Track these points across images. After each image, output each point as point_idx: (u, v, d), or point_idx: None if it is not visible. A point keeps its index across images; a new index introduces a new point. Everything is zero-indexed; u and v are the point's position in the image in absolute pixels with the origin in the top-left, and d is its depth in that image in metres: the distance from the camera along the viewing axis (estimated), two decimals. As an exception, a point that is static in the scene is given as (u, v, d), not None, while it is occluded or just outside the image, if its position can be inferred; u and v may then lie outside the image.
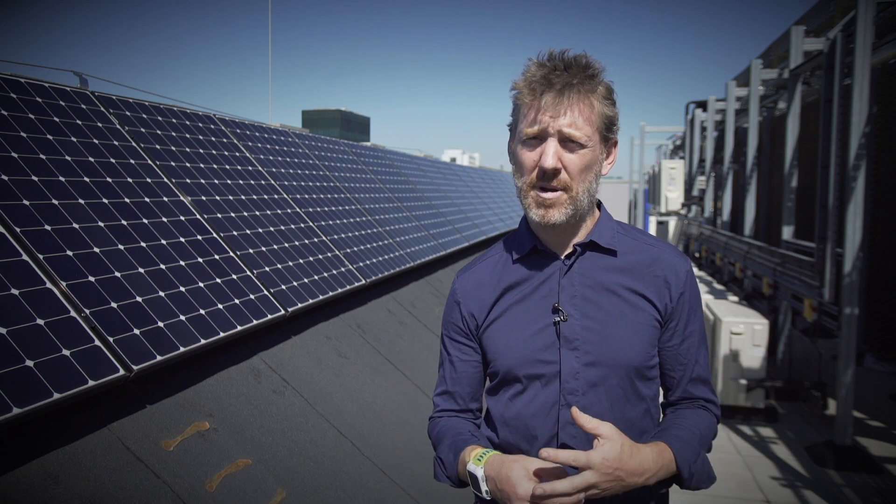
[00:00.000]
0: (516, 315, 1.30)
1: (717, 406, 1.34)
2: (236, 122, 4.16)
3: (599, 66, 1.22)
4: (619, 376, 1.23)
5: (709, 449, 1.29)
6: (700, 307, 1.32)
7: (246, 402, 2.51)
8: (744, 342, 6.34)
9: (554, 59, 1.20)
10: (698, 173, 13.25)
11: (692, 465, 1.18)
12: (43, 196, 2.27)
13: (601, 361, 1.23)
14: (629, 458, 1.09)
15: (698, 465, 1.19)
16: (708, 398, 1.33)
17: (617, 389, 1.24)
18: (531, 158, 1.21)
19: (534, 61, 1.22)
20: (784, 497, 4.65)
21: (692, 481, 1.19)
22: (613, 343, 1.23)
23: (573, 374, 1.23)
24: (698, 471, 1.19)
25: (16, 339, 1.79)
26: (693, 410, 1.31)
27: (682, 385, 1.31)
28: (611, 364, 1.22)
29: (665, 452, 1.17)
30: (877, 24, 5.21)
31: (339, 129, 76.38)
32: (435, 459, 1.34)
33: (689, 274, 1.29)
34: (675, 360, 1.30)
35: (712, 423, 1.31)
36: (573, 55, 1.21)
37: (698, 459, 1.20)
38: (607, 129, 1.23)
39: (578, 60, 1.20)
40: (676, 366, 1.30)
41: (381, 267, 4.17)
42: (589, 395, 1.23)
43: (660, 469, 1.14)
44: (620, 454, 1.08)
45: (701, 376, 1.32)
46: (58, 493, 1.70)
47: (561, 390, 1.24)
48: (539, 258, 1.31)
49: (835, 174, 5.52)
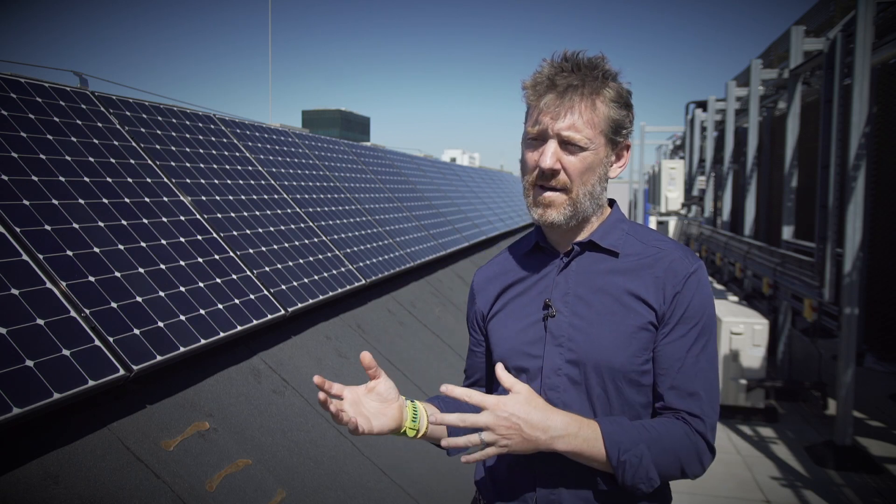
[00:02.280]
0: (514, 309, 1.33)
1: (703, 423, 1.18)
2: (236, 122, 4.16)
3: (611, 69, 1.21)
4: (601, 377, 1.21)
5: (680, 468, 1.16)
6: (704, 315, 1.22)
7: (246, 402, 2.51)
8: (744, 342, 6.34)
9: (565, 61, 1.20)
10: (698, 173, 13.25)
11: (623, 453, 1.12)
12: (43, 196, 2.27)
13: (583, 360, 1.21)
14: (531, 410, 1.11)
15: (632, 456, 1.12)
16: (692, 412, 1.18)
17: (598, 390, 1.21)
18: (533, 158, 1.23)
19: (547, 61, 1.22)
20: (784, 497, 4.65)
21: (624, 474, 1.12)
22: (598, 343, 1.21)
23: (555, 370, 1.24)
24: (632, 463, 1.12)
25: (16, 339, 1.79)
26: (666, 419, 1.19)
27: (662, 393, 1.21)
28: (592, 364, 1.20)
29: (587, 425, 1.14)
30: (877, 24, 5.21)
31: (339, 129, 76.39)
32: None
33: (693, 277, 1.21)
34: (659, 366, 1.21)
35: (685, 436, 1.16)
36: (586, 57, 1.21)
37: (633, 450, 1.12)
38: (614, 133, 1.22)
39: (589, 62, 1.20)
40: (659, 371, 1.21)
41: (381, 267, 4.17)
42: (570, 392, 1.23)
43: (571, 434, 1.12)
44: (520, 403, 1.11)
45: (684, 388, 1.19)
46: (58, 493, 1.70)
47: (542, 385, 1.24)
48: (541, 255, 1.33)
49: (835, 174, 5.52)
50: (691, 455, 1.17)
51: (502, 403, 1.11)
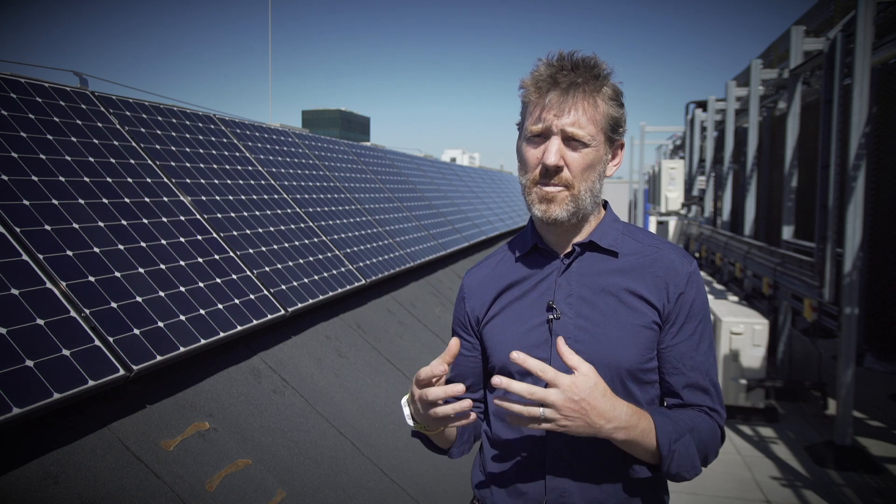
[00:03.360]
0: (514, 312, 1.31)
1: (720, 416, 1.26)
2: (236, 122, 4.16)
3: (607, 67, 1.23)
4: (610, 377, 1.21)
5: (705, 456, 1.23)
6: (704, 312, 1.27)
7: (246, 402, 2.51)
8: (744, 342, 6.34)
9: (562, 60, 1.21)
10: (698, 173, 13.25)
11: (673, 443, 1.15)
12: (43, 196, 2.27)
13: (591, 361, 1.20)
14: (601, 397, 1.10)
15: (681, 446, 1.16)
16: (711, 406, 1.26)
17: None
18: (535, 156, 1.22)
19: (543, 61, 1.23)
20: (784, 497, 4.65)
21: (672, 463, 1.15)
22: (605, 344, 1.22)
23: (563, 371, 1.24)
24: (680, 452, 1.15)
25: (16, 339, 1.79)
26: (695, 413, 1.25)
27: (678, 391, 1.25)
28: (601, 364, 1.20)
29: (644, 417, 1.15)
30: (877, 24, 5.21)
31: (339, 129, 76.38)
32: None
33: (692, 276, 1.25)
34: (671, 365, 1.25)
35: (712, 427, 1.24)
36: (582, 56, 1.22)
37: (681, 440, 1.16)
38: (612, 130, 1.24)
39: (586, 61, 1.21)
40: (671, 370, 1.25)
41: (381, 267, 4.17)
42: None
43: (632, 426, 1.12)
44: (592, 388, 1.09)
45: (699, 384, 1.25)
46: (58, 493, 1.70)
47: (549, 388, 1.24)
48: (539, 257, 1.32)
49: (835, 174, 5.52)
50: (715, 444, 1.25)
51: (575, 386, 1.08)
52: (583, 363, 1.11)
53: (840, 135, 5.48)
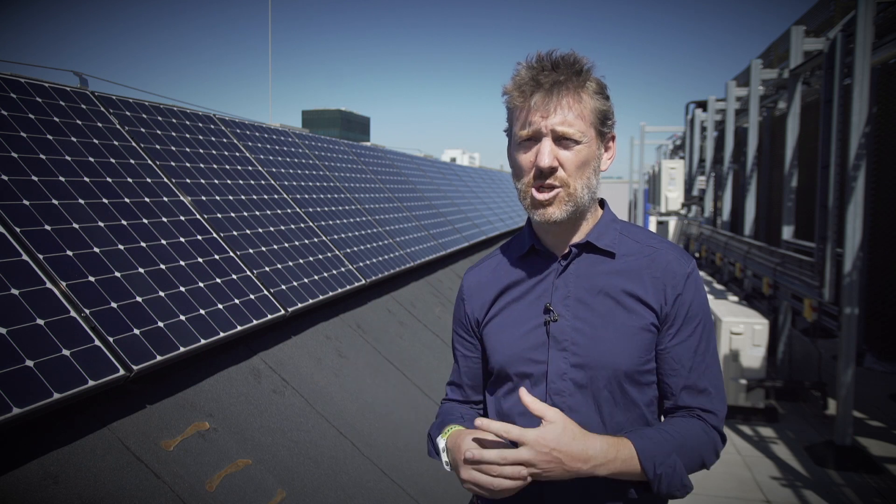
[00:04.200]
0: (512, 314, 1.31)
1: (716, 417, 1.24)
2: (236, 122, 4.16)
3: (588, 62, 1.22)
4: (607, 379, 1.21)
5: (702, 462, 1.21)
6: (703, 313, 1.25)
7: (246, 402, 2.51)
8: (744, 342, 6.34)
9: (542, 61, 1.21)
10: (698, 173, 13.25)
11: (658, 466, 1.13)
12: (43, 196, 2.27)
13: (589, 363, 1.21)
14: (571, 441, 1.09)
15: (667, 467, 1.14)
16: (707, 408, 1.24)
17: (604, 393, 1.22)
18: (528, 160, 1.21)
19: (522, 64, 1.22)
20: (784, 497, 4.65)
21: (661, 484, 1.14)
22: (602, 346, 1.21)
23: (560, 374, 1.23)
24: (667, 474, 1.14)
25: (16, 339, 1.79)
26: (684, 419, 1.23)
27: (676, 393, 1.24)
28: (598, 367, 1.21)
29: (622, 446, 1.14)
30: (877, 24, 5.21)
31: (339, 129, 76.36)
32: (428, 436, 1.39)
33: (691, 277, 1.24)
34: (669, 366, 1.24)
35: (703, 433, 1.22)
36: (561, 54, 1.21)
37: (667, 462, 1.14)
38: (601, 124, 1.23)
39: (566, 59, 1.21)
40: (670, 371, 1.24)
41: (380, 267, 4.17)
42: (576, 396, 1.23)
43: (611, 460, 1.12)
44: (559, 436, 1.09)
45: (697, 385, 1.23)
46: (58, 493, 1.70)
47: (547, 390, 1.24)
48: (537, 258, 1.32)
49: (835, 174, 5.52)
50: (709, 449, 1.22)
51: (541, 438, 1.08)
52: (548, 409, 1.11)
53: (840, 135, 5.48)
